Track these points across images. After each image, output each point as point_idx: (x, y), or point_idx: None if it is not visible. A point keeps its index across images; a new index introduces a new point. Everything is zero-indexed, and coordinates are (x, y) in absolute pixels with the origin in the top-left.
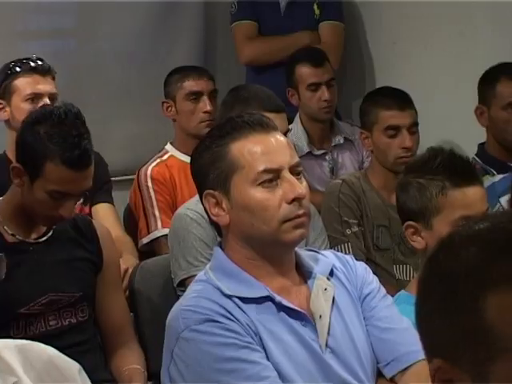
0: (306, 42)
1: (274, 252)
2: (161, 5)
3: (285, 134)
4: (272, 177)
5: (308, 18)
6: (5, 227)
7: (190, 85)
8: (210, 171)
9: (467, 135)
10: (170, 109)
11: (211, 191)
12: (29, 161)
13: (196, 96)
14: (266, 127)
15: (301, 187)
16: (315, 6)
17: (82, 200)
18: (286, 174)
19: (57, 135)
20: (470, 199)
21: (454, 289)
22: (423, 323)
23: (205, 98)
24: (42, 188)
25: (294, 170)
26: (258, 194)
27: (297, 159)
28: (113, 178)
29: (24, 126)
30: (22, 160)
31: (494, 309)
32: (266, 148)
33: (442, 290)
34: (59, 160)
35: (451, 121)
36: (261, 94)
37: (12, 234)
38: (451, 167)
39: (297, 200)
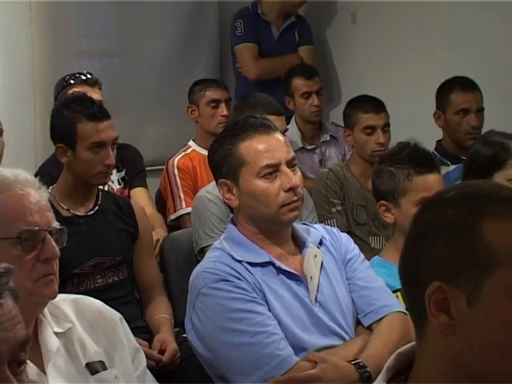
0: (297, 62)
1: (274, 228)
2: (184, 30)
3: (283, 132)
4: (272, 170)
5: (292, 42)
6: (60, 204)
7: (211, 94)
8: (223, 164)
9: (428, 134)
10: (194, 112)
11: (224, 180)
12: (65, 135)
13: (216, 103)
14: (267, 129)
15: (295, 178)
16: (296, 33)
17: (122, 185)
18: (284, 167)
19: (76, 106)
20: (429, 184)
21: (454, 221)
22: (424, 255)
23: (222, 105)
24: (83, 148)
25: (290, 164)
26: (261, 184)
27: (292, 154)
28: (147, 168)
29: (51, 115)
30: (60, 139)
31: (489, 232)
32: (267, 146)
33: (444, 225)
34: (84, 118)
35: (415, 122)
36: (264, 100)
37: (66, 209)
38: (415, 158)
39: (292, 189)
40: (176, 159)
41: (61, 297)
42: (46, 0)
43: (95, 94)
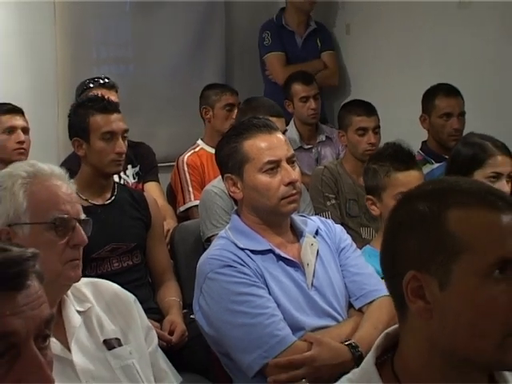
0: (320, 68)
1: (274, 219)
2: (193, 38)
3: (283, 132)
4: (273, 166)
5: (314, 49)
6: (80, 195)
7: (227, 99)
8: (229, 160)
9: (414, 135)
10: (208, 113)
11: (230, 175)
12: (79, 129)
13: (230, 107)
14: (269, 128)
15: (294, 174)
16: (318, 40)
17: (137, 179)
18: (284, 163)
19: (89, 103)
20: (407, 180)
21: (422, 214)
22: (398, 248)
23: (235, 109)
24: (96, 139)
25: (290, 160)
26: (263, 178)
27: (292, 152)
28: (159, 164)
29: (68, 115)
30: (75, 134)
31: (453, 221)
32: (269, 144)
33: (413, 218)
34: (96, 111)
35: (403, 124)
36: (266, 103)
37: (85, 199)
38: (395, 156)
39: (291, 183)
40: (186, 156)
41: (81, 280)
42: (68, 11)
43: (112, 97)
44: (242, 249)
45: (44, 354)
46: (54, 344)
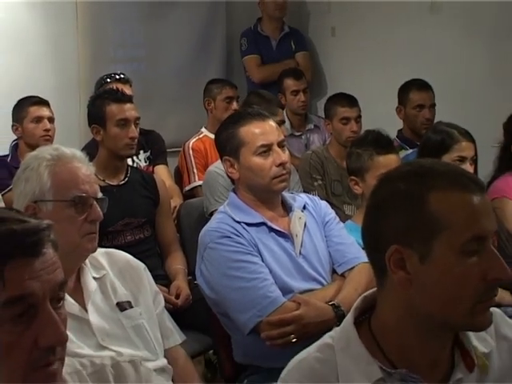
0: (292, 66)
1: (267, 196)
2: (198, 40)
3: (280, 123)
4: (266, 149)
5: (289, 50)
6: (98, 176)
7: (227, 92)
8: (227, 145)
9: (391, 124)
10: (210, 104)
11: (227, 157)
12: (97, 117)
13: (229, 99)
14: (262, 116)
15: (285, 156)
16: (292, 42)
17: (148, 163)
18: (275, 147)
19: (105, 95)
20: (387, 162)
21: (405, 194)
22: (381, 224)
23: (234, 101)
24: (111, 125)
25: (281, 144)
26: (257, 160)
27: (282, 137)
28: (168, 149)
29: (87, 106)
30: (94, 122)
31: (433, 202)
32: (262, 130)
33: (396, 198)
34: (111, 101)
35: (381, 114)
36: (267, 96)
37: (102, 180)
38: (377, 142)
39: (282, 164)
40: (191, 142)
41: (98, 250)
42: (89, 16)
43: (127, 90)
44: (238, 222)
45: (59, 314)
46: (73, 306)
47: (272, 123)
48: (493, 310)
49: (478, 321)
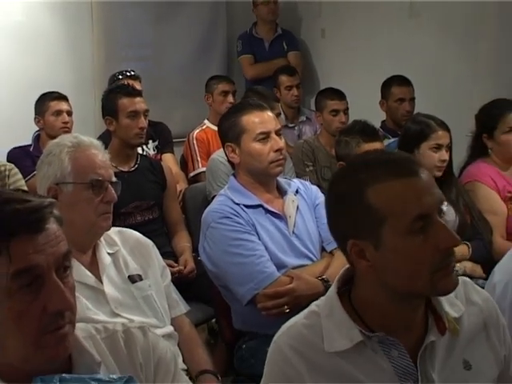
0: (282, 64)
1: (264, 179)
2: (200, 41)
3: (277, 115)
4: (265, 136)
5: (281, 51)
6: (110, 162)
7: (223, 86)
8: (229, 132)
9: (375, 116)
10: (209, 99)
11: (229, 144)
12: (110, 110)
13: (225, 93)
14: (261, 107)
15: (281, 143)
16: (284, 43)
17: (156, 151)
18: (273, 134)
19: (117, 89)
20: (371, 149)
21: (347, 194)
22: (335, 222)
23: (230, 95)
24: (123, 117)
25: (278, 132)
26: (257, 146)
27: (279, 126)
28: (174, 139)
29: (101, 99)
30: (107, 114)
31: (372, 195)
32: (261, 119)
33: (339, 200)
34: (123, 95)
35: (367, 107)
36: (264, 92)
37: (115, 166)
38: (363, 131)
39: (279, 150)
40: (195, 133)
41: (111, 229)
42: (103, 20)
43: (136, 85)
44: (238, 204)
45: (66, 282)
46: (90, 278)
47: (270, 113)
48: (464, 279)
49: (440, 287)
